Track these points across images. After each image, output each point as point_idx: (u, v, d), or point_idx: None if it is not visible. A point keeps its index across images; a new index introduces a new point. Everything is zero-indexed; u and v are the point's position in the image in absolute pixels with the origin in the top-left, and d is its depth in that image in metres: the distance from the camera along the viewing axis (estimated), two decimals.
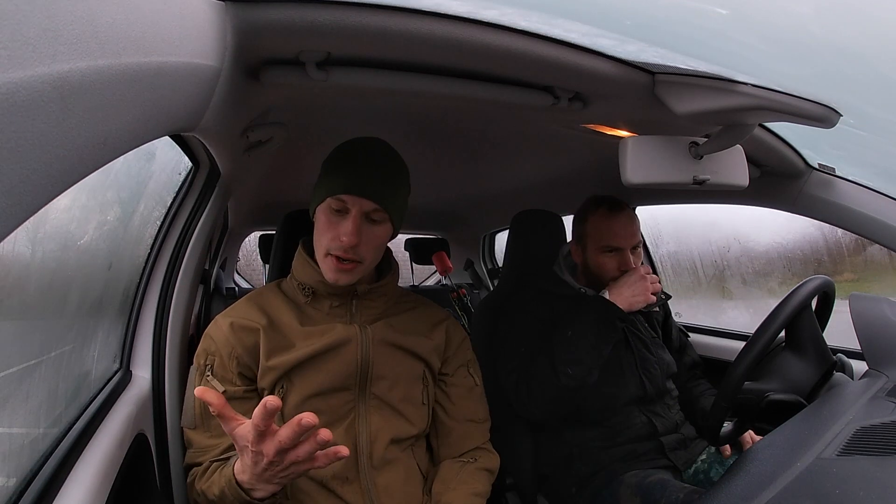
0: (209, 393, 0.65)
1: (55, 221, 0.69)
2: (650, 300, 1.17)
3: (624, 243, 1.24)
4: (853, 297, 0.98)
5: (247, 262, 3.97)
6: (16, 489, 0.58)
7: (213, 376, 0.88)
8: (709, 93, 0.75)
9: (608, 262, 1.26)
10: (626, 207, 1.28)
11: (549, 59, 0.72)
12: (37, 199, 0.29)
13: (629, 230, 1.25)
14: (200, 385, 0.87)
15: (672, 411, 1.30)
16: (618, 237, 1.24)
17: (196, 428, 0.89)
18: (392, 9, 0.62)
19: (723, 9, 0.67)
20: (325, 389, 0.89)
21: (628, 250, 1.25)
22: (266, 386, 0.88)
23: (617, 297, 1.17)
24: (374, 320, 0.95)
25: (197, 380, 0.90)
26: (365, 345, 0.91)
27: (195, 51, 0.48)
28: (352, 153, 0.89)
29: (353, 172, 0.86)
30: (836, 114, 0.74)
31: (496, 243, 2.87)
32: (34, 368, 0.69)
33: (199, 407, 0.88)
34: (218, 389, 0.87)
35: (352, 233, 0.84)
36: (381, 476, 0.90)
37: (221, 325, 0.91)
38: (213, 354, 0.89)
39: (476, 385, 1.04)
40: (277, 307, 0.94)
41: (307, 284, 0.93)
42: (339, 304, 0.94)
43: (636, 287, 1.17)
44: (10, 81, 0.24)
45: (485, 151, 1.50)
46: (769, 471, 0.66)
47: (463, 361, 1.04)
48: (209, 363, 0.89)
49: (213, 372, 0.89)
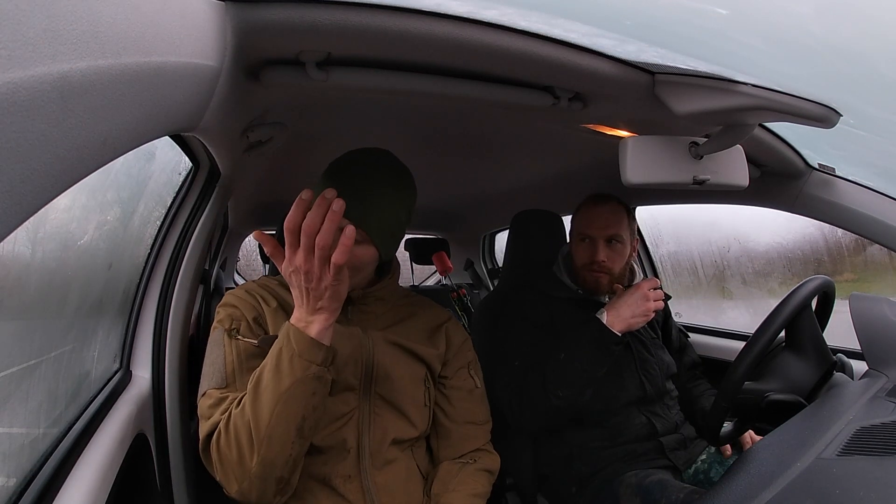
0: (263, 236, 0.76)
1: (55, 221, 0.69)
2: (650, 318, 1.16)
3: (596, 233, 1.25)
4: (853, 297, 0.98)
5: (247, 262, 3.97)
6: (16, 489, 0.58)
7: (242, 336, 0.86)
8: (709, 93, 0.75)
9: (580, 249, 1.27)
10: (611, 201, 1.28)
11: (549, 59, 0.72)
12: (37, 199, 0.29)
13: (604, 220, 1.25)
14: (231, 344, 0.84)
15: (672, 412, 1.30)
16: (591, 226, 1.26)
17: (227, 385, 0.83)
18: (392, 9, 0.62)
19: (723, 9, 0.67)
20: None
21: (601, 240, 1.25)
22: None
23: (615, 318, 1.15)
24: (373, 326, 0.94)
25: (226, 340, 0.85)
26: (367, 346, 0.91)
27: (195, 51, 0.48)
28: (338, 170, 0.87)
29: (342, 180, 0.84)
30: (836, 114, 0.74)
31: (496, 243, 2.86)
32: (34, 368, 0.69)
33: (233, 362, 0.84)
34: (253, 342, 0.85)
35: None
36: (381, 475, 0.90)
37: (240, 293, 0.91)
38: (238, 319, 0.88)
39: (476, 387, 1.04)
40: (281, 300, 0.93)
41: None
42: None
43: (636, 307, 1.15)
44: (10, 81, 0.24)
45: (485, 151, 1.50)
46: (769, 471, 0.66)
47: (463, 363, 1.03)
48: (235, 326, 0.87)
49: (239, 332, 0.87)
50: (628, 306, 1.15)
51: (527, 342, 1.27)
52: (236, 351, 0.85)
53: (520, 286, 1.42)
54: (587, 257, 1.26)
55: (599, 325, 1.15)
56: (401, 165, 0.91)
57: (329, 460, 0.89)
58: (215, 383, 0.83)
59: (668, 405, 1.30)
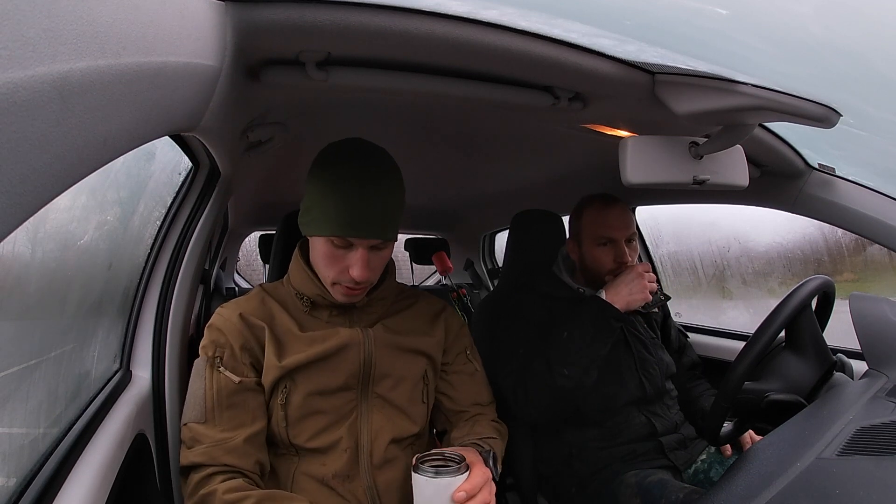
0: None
1: (55, 221, 0.69)
2: (648, 298, 1.17)
3: (618, 234, 1.25)
4: (853, 297, 0.98)
5: (247, 262, 3.96)
6: (16, 489, 0.58)
7: (225, 368, 0.86)
8: (709, 93, 0.75)
9: (603, 254, 1.26)
10: (619, 201, 1.29)
11: (549, 59, 0.72)
12: (37, 199, 0.29)
13: (622, 221, 1.26)
14: (213, 377, 0.85)
15: (671, 411, 1.30)
16: (612, 228, 1.25)
17: (206, 421, 0.84)
18: (392, 9, 0.62)
19: (723, 9, 0.67)
20: (327, 389, 0.89)
21: (623, 242, 1.25)
22: (269, 384, 0.87)
23: (614, 296, 1.16)
24: (375, 322, 0.95)
25: (208, 372, 0.85)
26: (367, 346, 0.91)
27: (195, 51, 0.48)
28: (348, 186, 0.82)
29: (354, 212, 0.81)
30: (836, 114, 0.74)
31: (496, 243, 2.86)
32: (34, 368, 0.69)
33: (212, 398, 0.84)
34: (233, 380, 0.85)
35: (362, 268, 0.83)
36: (382, 474, 0.90)
37: (229, 317, 0.88)
38: (223, 346, 0.86)
39: (477, 370, 1.05)
40: (279, 311, 0.92)
41: (305, 295, 0.92)
42: (339, 313, 0.93)
43: (633, 285, 1.16)
44: (10, 81, 0.24)
45: (485, 151, 1.50)
46: (769, 471, 0.66)
47: (461, 348, 1.04)
48: (219, 354, 0.86)
49: (222, 363, 0.86)
50: (626, 284, 1.17)
51: (529, 336, 1.26)
52: (216, 386, 0.85)
53: (520, 286, 1.42)
54: (611, 261, 1.25)
55: (599, 301, 1.16)
56: (378, 148, 0.88)
57: (328, 461, 0.89)
58: (195, 417, 0.84)
59: (668, 405, 1.30)
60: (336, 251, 0.84)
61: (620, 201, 1.29)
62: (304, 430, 0.89)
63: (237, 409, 0.85)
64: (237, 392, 0.85)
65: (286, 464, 0.91)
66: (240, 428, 0.84)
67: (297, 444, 0.89)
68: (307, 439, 0.89)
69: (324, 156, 0.88)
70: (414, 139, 1.34)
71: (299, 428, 0.89)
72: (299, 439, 0.89)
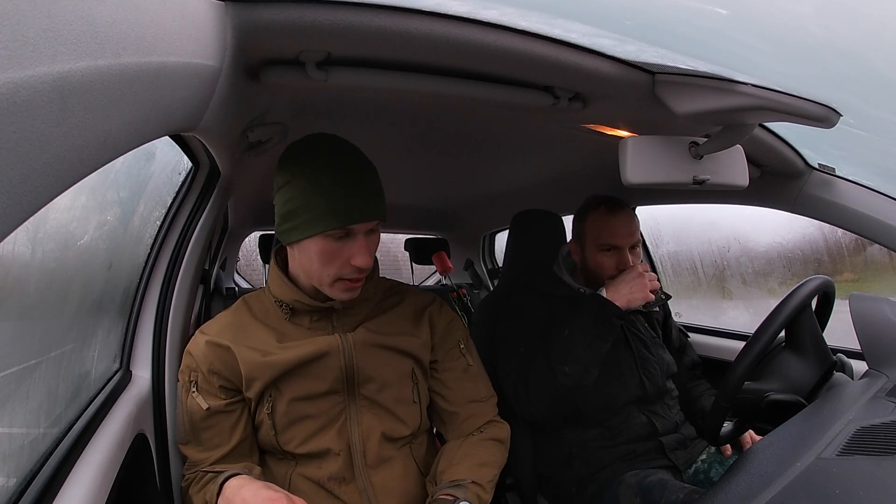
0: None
1: (55, 221, 0.69)
2: (649, 298, 1.17)
3: (622, 242, 1.24)
4: (853, 297, 0.98)
5: (247, 262, 3.96)
6: (16, 489, 0.58)
7: (199, 391, 0.89)
8: (709, 93, 0.75)
9: (606, 260, 1.26)
10: (625, 207, 1.28)
11: (549, 59, 0.72)
12: (37, 199, 0.29)
13: (628, 229, 1.25)
14: (187, 401, 0.90)
15: (672, 411, 1.30)
16: (616, 235, 1.24)
17: (188, 443, 0.91)
18: (392, 9, 0.62)
19: (723, 9, 0.67)
20: (312, 394, 0.88)
21: (627, 249, 1.25)
22: (253, 396, 0.88)
23: (615, 294, 1.16)
24: (357, 325, 0.93)
25: (183, 396, 0.90)
26: (347, 351, 0.89)
27: (195, 51, 0.48)
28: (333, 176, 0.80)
29: (348, 200, 0.80)
30: (836, 114, 0.74)
31: (496, 243, 2.86)
32: (34, 368, 0.69)
33: (188, 422, 0.90)
34: (202, 406, 0.88)
35: (366, 254, 0.82)
36: (377, 475, 0.90)
37: (199, 342, 0.90)
38: (196, 371, 0.90)
39: (470, 364, 1.02)
40: (253, 324, 0.92)
41: (284, 302, 0.91)
42: (320, 317, 0.92)
43: (634, 284, 1.16)
44: (10, 81, 0.24)
45: (485, 151, 1.50)
46: (769, 471, 0.66)
47: (453, 343, 1.01)
48: (193, 379, 0.90)
49: (197, 387, 0.89)
50: (626, 283, 1.17)
51: (530, 335, 1.26)
52: (190, 411, 0.90)
53: (520, 286, 1.42)
54: (613, 267, 1.25)
55: (600, 299, 1.16)
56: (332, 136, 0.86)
57: (323, 464, 0.89)
58: (180, 437, 0.92)
59: (669, 405, 1.30)
60: (334, 245, 0.82)
61: (626, 206, 1.28)
62: (294, 436, 0.89)
63: (211, 430, 0.90)
64: (208, 417, 0.89)
65: (283, 467, 0.91)
66: (217, 448, 0.90)
67: (288, 451, 0.89)
68: (298, 445, 0.89)
69: (289, 158, 0.84)
70: (414, 139, 1.34)
71: (288, 435, 0.89)
72: (290, 446, 0.89)
